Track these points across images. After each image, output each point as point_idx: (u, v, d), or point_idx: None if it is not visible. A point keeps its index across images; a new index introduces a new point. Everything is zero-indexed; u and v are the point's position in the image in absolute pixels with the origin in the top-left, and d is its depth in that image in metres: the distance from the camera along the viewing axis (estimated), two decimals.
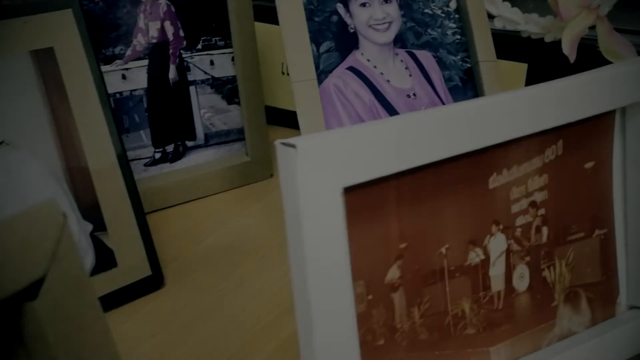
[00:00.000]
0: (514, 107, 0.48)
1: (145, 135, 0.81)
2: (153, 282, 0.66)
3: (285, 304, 0.65)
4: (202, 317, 0.63)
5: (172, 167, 0.83)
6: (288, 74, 0.97)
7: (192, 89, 0.83)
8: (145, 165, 0.81)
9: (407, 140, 0.43)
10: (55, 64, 0.61)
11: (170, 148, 0.82)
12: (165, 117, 0.81)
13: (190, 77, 0.83)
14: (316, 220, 0.40)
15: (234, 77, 0.84)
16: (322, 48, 0.72)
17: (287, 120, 0.99)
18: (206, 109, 0.84)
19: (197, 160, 0.84)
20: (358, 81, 0.73)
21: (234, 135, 0.86)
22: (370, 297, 0.46)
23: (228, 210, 0.82)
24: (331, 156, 0.40)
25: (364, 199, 0.44)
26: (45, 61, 0.61)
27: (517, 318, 0.53)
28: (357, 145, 0.41)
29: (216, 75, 0.84)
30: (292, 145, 0.39)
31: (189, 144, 0.84)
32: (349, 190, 0.42)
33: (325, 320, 0.42)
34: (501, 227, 0.51)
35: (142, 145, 0.81)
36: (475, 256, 0.50)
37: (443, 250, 0.49)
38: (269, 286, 0.68)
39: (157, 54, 0.80)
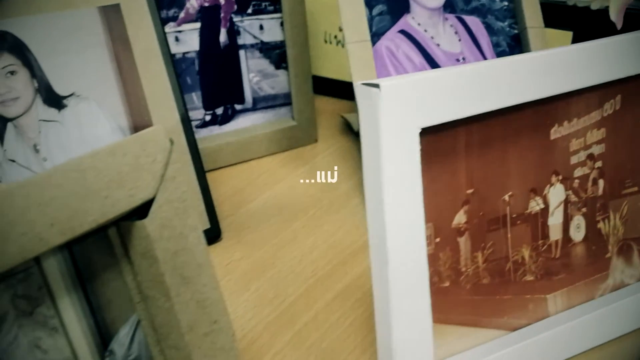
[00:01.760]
0: (575, 60, 0.49)
1: (196, 98, 0.83)
2: (211, 234, 0.68)
3: (339, 257, 0.67)
4: (260, 268, 0.65)
5: (221, 129, 0.85)
6: (331, 43, 0.99)
7: (241, 52, 0.85)
8: (196, 127, 0.83)
9: (479, 86, 0.44)
10: (121, 20, 0.63)
11: (219, 111, 0.84)
12: (215, 80, 0.83)
13: (240, 41, 0.84)
14: (395, 160, 0.42)
15: (283, 42, 0.86)
16: (375, 11, 0.73)
17: (329, 88, 1.01)
18: (255, 73, 0.86)
19: (245, 123, 0.86)
20: (409, 44, 0.74)
21: (281, 100, 0.88)
22: (438, 240, 0.48)
23: (275, 173, 0.84)
24: (411, 97, 0.42)
25: (437, 143, 0.45)
26: (112, 17, 0.63)
27: (573, 268, 0.54)
28: (434, 88, 0.43)
29: (265, 39, 0.85)
30: (376, 85, 0.41)
31: (238, 107, 0.86)
32: (424, 134, 0.43)
33: (400, 257, 0.44)
34: (560, 177, 0.52)
35: (193, 107, 0.82)
36: (535, 205, 0.52)
37: (506, 197, 0.50)
38: (322, 242, 0.70)
39: (209, 17, 0.82)
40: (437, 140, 0.45)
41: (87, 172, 0.32)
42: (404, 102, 0.41)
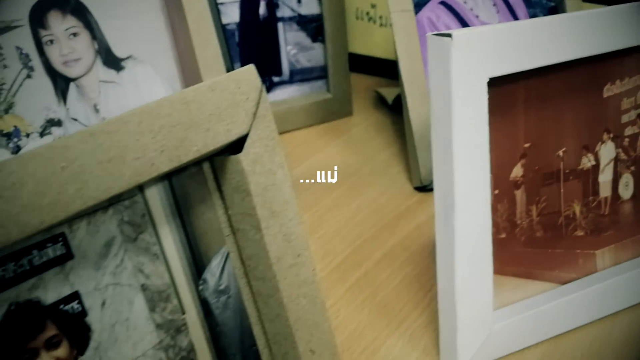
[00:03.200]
0: (630, 17, 0.50)
1: (236, 69, 0.84)
2: None
3: (384, 221, 0.69)
4: (306, 230, 0.67)
5: None
6: (362, 20, 1.00)
7: (280, 25, 0.86)
8: None
9: (544, 38, 0.46)
10: None
11: None
12: (254, 51, 0.85)
13: (279, 14, 0.86)
14: (464, 108, 0.44)
15: (320, 15, 0.87)
16: None
17: (360, 65, 1.02)
18: (292, 45, 0.87)
19: (282, 95, 0.88)
20: (449, 15, 0.76)
21: (317, 73, 0.90)
22: (497, 191, 0.49)
23: (313, 144, 0.85)
24: (481, 47, 0.43)
25: (499, 96, 0.47)
26: None
27: (621, 225, 0.56)
28: (503, 39, 0.44)
29: (303, 12, 0.87)
30: (448, 35, 0.42)
31: (275, 79, 0.87)
32: (490, 84, 0.45)
33: (466, 204, 0.46)
34: (611, 135, 0.54)
35: None
36: (587, 161, 0.53)
37: (560, 152, 0.52)
38: (366, 207, 0.71)
39: None
40: (499, 93, 0.47)
41: (191, 104, 0.33)
42: (475, 52, 0.43)
